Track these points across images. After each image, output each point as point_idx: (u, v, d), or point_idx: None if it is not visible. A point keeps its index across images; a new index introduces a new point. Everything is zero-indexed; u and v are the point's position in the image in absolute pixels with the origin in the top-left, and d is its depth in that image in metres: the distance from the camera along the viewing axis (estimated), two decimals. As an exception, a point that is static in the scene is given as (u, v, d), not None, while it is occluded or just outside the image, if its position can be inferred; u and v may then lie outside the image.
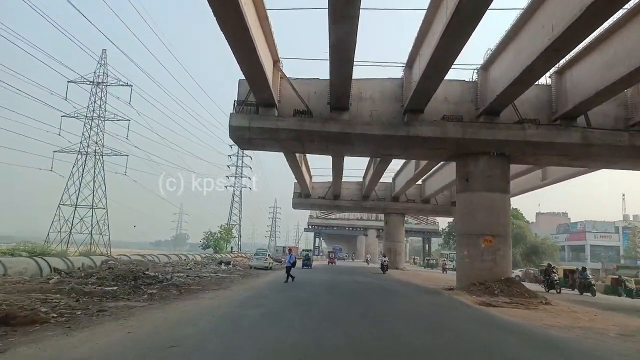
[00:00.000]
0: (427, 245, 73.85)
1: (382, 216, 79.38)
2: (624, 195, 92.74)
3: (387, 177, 41.23)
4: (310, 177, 43.99)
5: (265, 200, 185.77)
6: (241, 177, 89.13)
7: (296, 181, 44.12)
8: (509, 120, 18.13)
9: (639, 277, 27.62)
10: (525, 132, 17.74)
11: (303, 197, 45.36)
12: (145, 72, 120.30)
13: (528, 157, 18.86)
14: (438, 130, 18.08)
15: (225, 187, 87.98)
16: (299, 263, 36.01)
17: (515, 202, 58.51)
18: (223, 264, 33.61)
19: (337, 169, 31.61)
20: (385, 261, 34.17)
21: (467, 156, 18.71)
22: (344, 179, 40.67)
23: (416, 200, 44.60)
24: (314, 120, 18.35)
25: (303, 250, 48.09)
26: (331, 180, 42.14)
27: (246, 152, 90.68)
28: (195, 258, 38.48)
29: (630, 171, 21.23)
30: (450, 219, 64.10)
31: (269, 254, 38.49)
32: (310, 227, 77.29)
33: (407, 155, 20.33)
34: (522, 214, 57.58)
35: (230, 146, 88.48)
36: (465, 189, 18.69)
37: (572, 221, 72.82)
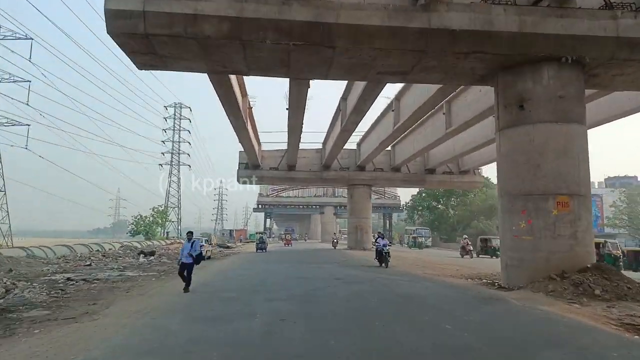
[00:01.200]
0: (387, 222, 67.95)
1: (340, 192, 73.10)
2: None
3: (351, 143, 34.02)
4: (259, 143, 35.71)
5: (211, 181, 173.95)
6: (179, 153, 78.80)
7: (242, 150, 35.88)
8: (591, 4, 10.97)
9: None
10: (617, 22, 10.64)
11: (251, 168, 37.15)
12: (53, 21, 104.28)
13: (614, 69, 11.74)
14: (479, 20, 10.57)
15: (160, 165, 77.55)
16: (252, 247, 28.32)
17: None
18: (143, 256, 24.91)
19: (295, 119, 23.52)
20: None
21: (522, 67, 11.35)
22: (301, 146, 32.90)
23: (385, 169, 37.69)
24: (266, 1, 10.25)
25: (256, 232, 43.19)
26: (286, 146, 34.38)
27: (184, 126, 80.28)
28: (113, 248, 29.34)
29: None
30: (415, 191, 58.21)
31: (206, 240, 29.82)
32: (260, 206, 68.87)
33: (421, 72, 12.47)
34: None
35: (165, 119, 77.83)
36: (519, 121, 11.32)
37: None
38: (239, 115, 22.30)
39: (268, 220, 71.10)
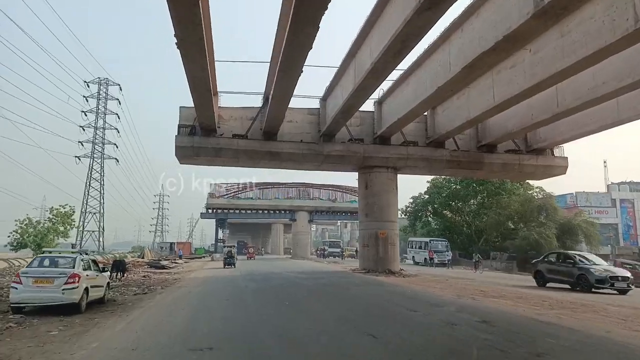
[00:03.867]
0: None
1: (316, 194, 57.62)
2: (605, 162, 77.94)
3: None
4: (216, 93, 20.50)
5: (150, 185, 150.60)
6: (103, 143, 60.90)
7: (184, 106, 21.51)
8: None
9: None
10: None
11: (200, 134, 21.88)
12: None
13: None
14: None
15: (77, 157, 59.14)
16: (203, 266, 28.55)
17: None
18: None
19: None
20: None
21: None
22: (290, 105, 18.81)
23: (420, 143, 23.68)
24: None
25: (225, 246, 37.50)
26: (263, 100, 20.53)
27: (112, 108, 62.61)
28: None
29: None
30: (417, 190, 44.46)
31: (86, 262, 13.13)
32: (209, 211, 52.46)
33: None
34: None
35: (86, 98, 59.82)
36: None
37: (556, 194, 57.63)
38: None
39: (221, 231, 54.63)
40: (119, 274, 19.88)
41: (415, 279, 19.94)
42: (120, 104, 62.22)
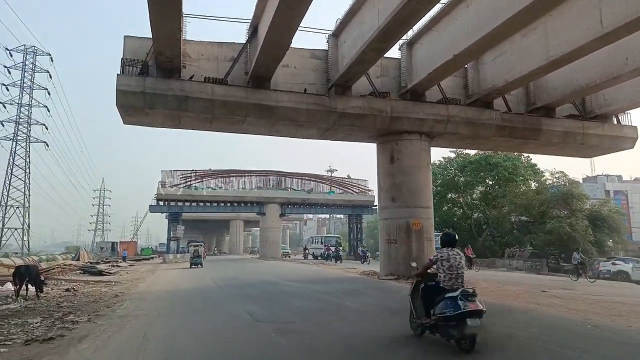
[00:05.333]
0: (357, 226, 47.62)
1: (288, 183, 49.95)
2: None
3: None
4: (182, 15, 13.26)
5: (90, 178, 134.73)
6: (29, 123, 50.61)
7: (128, 35, 14.46)
8: None
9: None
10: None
11: (155, 75, 14.53)
12: None
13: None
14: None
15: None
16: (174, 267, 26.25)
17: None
18: None
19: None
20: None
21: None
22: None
23: (462, 102, 17.61)
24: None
25: (191, 245, 35.03)
26: (247, 34, 14.93)
27: (40, 82, 52.54)
28: None
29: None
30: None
31: None
32: (161, 203, 44.04)
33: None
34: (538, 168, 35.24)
35: (7, 69, 49.40)
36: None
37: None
38: None
39: (173, 226, 46.14)
40: (27, 288, 12.22)
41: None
42: (51, 77, 52.37)
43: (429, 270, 6.36)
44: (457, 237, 6.52)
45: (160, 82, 14.49)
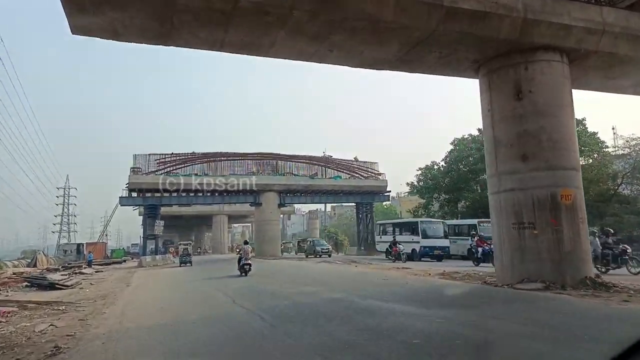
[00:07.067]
0: (368, 216, 41.02)
1: (289, 167, 42.14)
2: (614, 128, 74.55)
3: None
4: None
5: (52, 175, 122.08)
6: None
7: None
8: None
9: None
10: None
11: None
12: None
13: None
14: None
15: None
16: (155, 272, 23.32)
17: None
18: None
19: None
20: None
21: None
22: None
23: (619, 3, 11.19)
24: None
25: (181, 244, 35.18)
26: None
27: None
28: None
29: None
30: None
31: None
32: (135, 194, 36.25)
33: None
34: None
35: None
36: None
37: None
38: None
39: (149, 221, 38.41)
40: None
41: None
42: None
43: None
44: None
45: None
